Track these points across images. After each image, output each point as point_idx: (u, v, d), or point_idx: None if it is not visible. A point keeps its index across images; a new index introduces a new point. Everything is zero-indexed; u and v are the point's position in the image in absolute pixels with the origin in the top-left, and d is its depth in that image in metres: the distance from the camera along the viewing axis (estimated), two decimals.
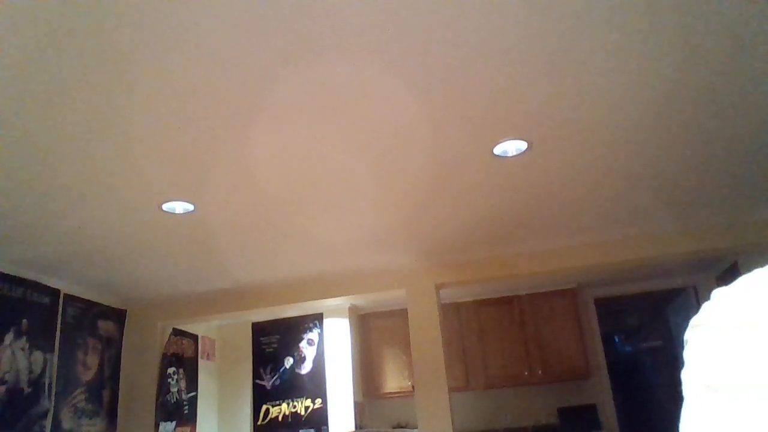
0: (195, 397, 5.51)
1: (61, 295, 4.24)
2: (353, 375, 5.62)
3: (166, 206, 3.13)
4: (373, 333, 6.05)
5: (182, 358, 5.38)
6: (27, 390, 3.80)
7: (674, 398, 6.65)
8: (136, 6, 1.71)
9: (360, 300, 5.53)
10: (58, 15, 1.71)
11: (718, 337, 0.47)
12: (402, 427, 5.87)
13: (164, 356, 5.04)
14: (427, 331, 4.60)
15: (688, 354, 0.50)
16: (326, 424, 5.50)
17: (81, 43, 1.84)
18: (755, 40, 2.11)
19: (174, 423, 5.09)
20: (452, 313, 5.96)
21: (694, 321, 0.51)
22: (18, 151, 2.45)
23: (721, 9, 1.92)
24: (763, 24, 2.01)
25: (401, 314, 5.72)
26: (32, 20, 1.73)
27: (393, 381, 5.86)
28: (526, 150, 2.84)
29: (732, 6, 1.91)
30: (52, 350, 4.08)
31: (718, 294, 0.50)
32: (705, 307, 0.50)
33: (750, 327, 0.45)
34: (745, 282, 0.49)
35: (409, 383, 5.68)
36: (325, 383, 5.62)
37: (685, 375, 0.50)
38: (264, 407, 5.75)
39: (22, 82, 2.00)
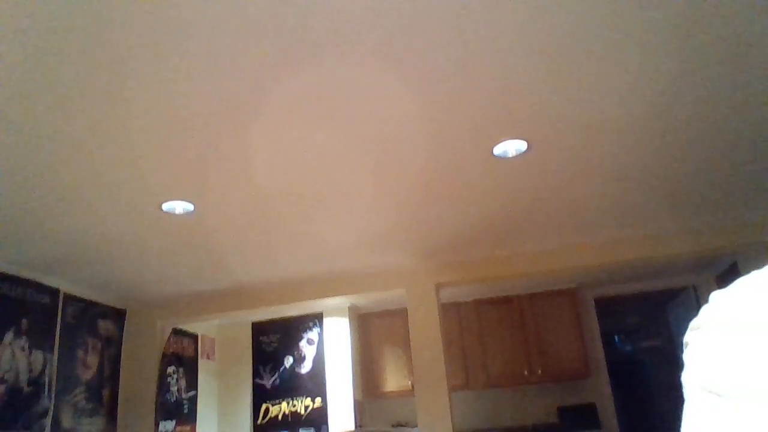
0: (195, 396, 5.51)
1: (61, 295, 4.24)
2: (353, 374, 5.62)
3: (166, 206, 3.13)
4: (373, 332, 6.05)
5: (182, 358, 5.39)
6: (27, 389, 3.80)
7: (674, 397, 6.65)
8: (136, 8, 1.71)
9: (360, 299, 5.54)
10: (59, 17, 1.71)
11: (718, 339, 0.47)
12: (402, 426, 5.87)
13: (164, 355, 5.05)
14: (427, 331, 4.60)
15: (688, 357, 0.50)
16: (326, 423, 5.50)
17: (81, 42, 1.84)
18: (755, 41, 2.11)
19: (174, 422, 5.10)
20: (452, 312, 5.96)
21: (693, 324, 0.51)
22: (18, 151, 2.45)
23: (721, 10, 1.92)
24: (764, 24, 2.01)
25: (401, 314, 5.73)
26: (33, 21, 1.73)
27: (393, 380, 5.87)
28: (526, 150, 2.84)
29: (732, 7, 1.91)
30: (51, 350, 4.08)
31: (717, 297, 0.50)
32: (704, 310, 0.51)
33: (749, 329, 0.45)
34: (742, 284, 0.49)
35: (409, 382, 5.68)
36: (324, 382, 5.63)
37: (685, 378, 0.50)
38: (264, 406, 5.75)
39: (22, 83, 2.00)
